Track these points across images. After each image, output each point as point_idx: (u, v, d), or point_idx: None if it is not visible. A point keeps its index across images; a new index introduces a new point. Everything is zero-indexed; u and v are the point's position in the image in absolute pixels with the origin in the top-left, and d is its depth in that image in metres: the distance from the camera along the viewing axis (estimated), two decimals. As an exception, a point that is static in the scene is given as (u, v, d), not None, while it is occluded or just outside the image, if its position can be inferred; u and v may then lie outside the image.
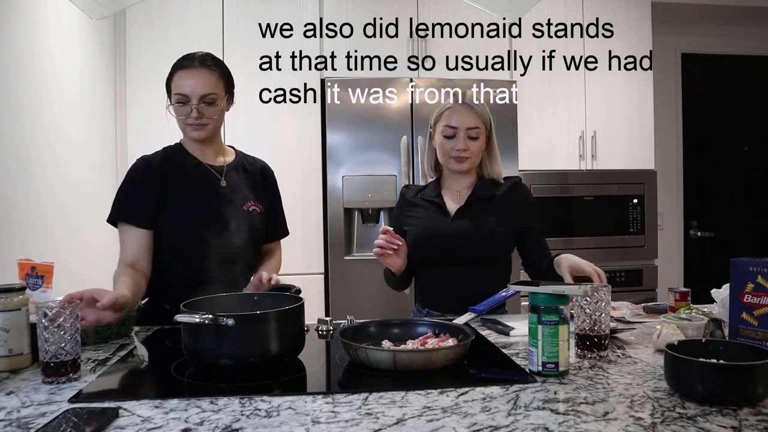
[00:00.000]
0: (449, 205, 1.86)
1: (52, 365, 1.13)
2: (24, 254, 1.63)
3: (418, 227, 1.85)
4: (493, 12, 2.04)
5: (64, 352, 1.13)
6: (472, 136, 1.79)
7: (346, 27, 3.30)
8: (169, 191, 1.68)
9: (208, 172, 1.75)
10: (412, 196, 1.92)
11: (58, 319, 1.12)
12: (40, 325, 1.13)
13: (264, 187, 1.85)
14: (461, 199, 1.85)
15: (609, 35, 3.57)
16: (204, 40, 3.14)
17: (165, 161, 1.72)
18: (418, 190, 1.93)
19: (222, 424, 0.93)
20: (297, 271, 3.02)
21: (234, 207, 1.72)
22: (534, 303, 1.17)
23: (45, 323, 1.12)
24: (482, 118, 1.81)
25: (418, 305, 1.90)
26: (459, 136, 1.79)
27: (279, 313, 1.22)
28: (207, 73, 1.66)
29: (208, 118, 1.68)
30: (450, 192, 1.88)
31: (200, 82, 1.64)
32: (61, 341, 1.13)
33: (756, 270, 1.27)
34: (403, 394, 1.06)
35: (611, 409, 0.98)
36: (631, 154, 3.60)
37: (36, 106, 2.30)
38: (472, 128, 1.79)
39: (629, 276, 3.54)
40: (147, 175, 1.69)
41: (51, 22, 2.45)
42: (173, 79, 1.68)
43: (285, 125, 3.24)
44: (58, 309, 1.13)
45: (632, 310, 1.75)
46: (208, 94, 1.65)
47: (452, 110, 1.81)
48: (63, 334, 1.13)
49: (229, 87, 1.74)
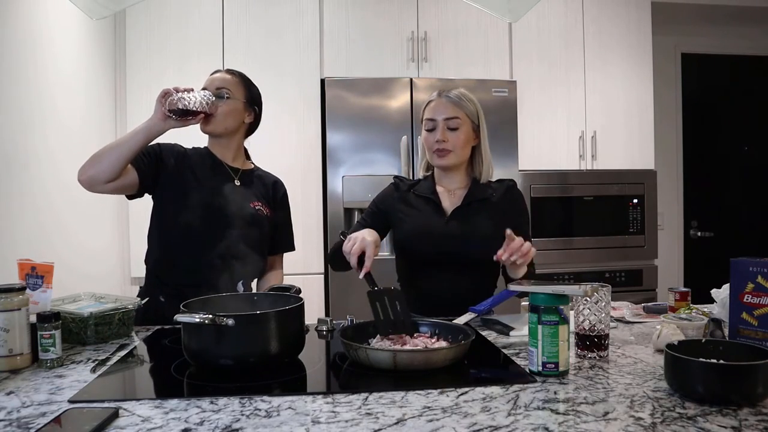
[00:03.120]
0: (445, 204, 1.83)
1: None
2: (24, 254, 1.63)
3: (413, 224, 1.82)
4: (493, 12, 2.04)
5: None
6: (451, 127, 1.77)
7: (346, 27, 3.30)
8: (183, 172, 1.77)
9: (225, 168, 1.84)
10: (405, 190, 1.88)
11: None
12: None
13: (274, 198, 1.92)
14: (457, 200, 1.83)
15: (609, 35, 3.57)
16: (204, 41, 3.15)
17: (188, 151, 1.85)
18: (411, 185, 1.90)
19: (222, 424, 0.93)
20: (297, 271, 3.02)
21: (243, 202, 1.80)
22: (534, 303, 1.17)
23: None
24: (464, 110, 1.79)
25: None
26: (438, 127, 1.78)
27: (279, 313, 1.22)
28: (226, 74, 1.85)
29: (215, 107, 1.78)
30: (444, 191, 1.86)
31: (217, 77, 1.83)
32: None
33: (756, 270, 1.27)
34: (403, 394, 1.06)
35: (611, 409, 0.98)
36: (631, 154, 3.60)
37: (36, 107, 2.30)
38: (451, 118, 1.77)
39: (629, 276, 3.54)
40: (166, 149, 1.81)
41: (51, 23, 2.45)
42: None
43: (285, 125, 3.23)
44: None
45: (632, 310, 1.75)
46: (220, 87, 1.80)
47: (432, 103, 1.82)
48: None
49: (250, 97, 1.87)
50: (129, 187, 1.72)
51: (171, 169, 1.77)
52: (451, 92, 1.81)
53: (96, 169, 1.63)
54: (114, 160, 1.63)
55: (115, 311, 1.50)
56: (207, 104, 1.68)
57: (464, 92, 1.82)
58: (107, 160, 1.63)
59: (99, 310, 1.46)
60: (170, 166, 1.77)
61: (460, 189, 1.85)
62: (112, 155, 1.63)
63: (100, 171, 1.63)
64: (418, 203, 1.85)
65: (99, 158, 1.63)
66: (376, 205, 1.91)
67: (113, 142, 1.68)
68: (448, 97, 1.79)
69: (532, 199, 3.43)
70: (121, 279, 3.14)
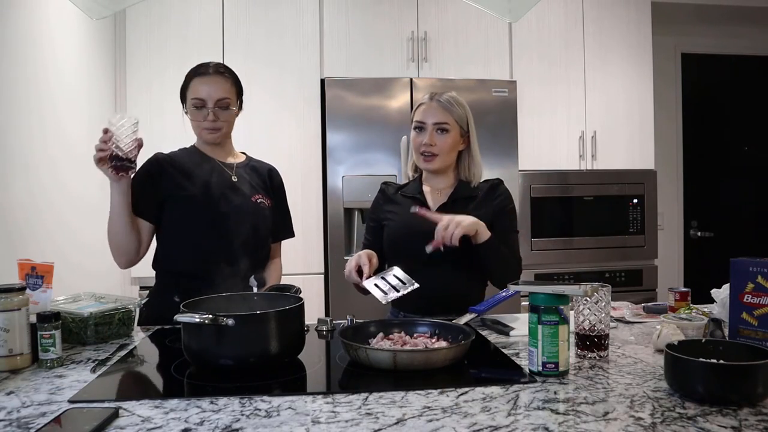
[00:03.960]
0: (430, 202, 1.85)
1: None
2: (24, 254, 1.63)
3: (398, 222, 1.84)
4: (493, 12, 2.04)
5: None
6: (440, 130, 1.80)
7: (346, 27, 3.30)
8: (181, 186, 1.77)
9: (220, 168, 1.84)
10: (392, 193, 1.92)
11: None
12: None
13: (272, 187, 1.93)
14: (443, 197, 1.85)
15: (609, 35, 3.57)
16: (204, 41, 3.15)
17: (177, 158, 1.82)
18: (399, 188, 1.93)
19: (222, 424, 0.93)
20: (297, 271, 3.02)
21: (244, 198, 1.82)
22: (534, 303, 1.17)
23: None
24: (454, 115, 1.80)
25: (393, 309, 1.84)
26: (426, 130, 1.80)
27: (279, 313, 1.22)
28: (221, 80, 1.78)
29: (223, 121, 1.80)
30: (431, 190, 1.88)
31: (216, 88, 1.76)
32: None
33: (756, 270, 1.27)
34: (403, 394, 1.06)
35: (611, 409, 0.98)
36: (631, 154, 3.60)
37: (36, 107, 2.30)
38: (440, 123, 1.79)
39: (629, 276, 3.54)
40: (151, 174, 1.78)
41: (51, 22, 2.45)
42: (190, 86, 1.79)
43: (285, 125, 3.23)
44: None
45: (632, 310, 1.75)
46: (222, 99, 1.77)
47: (422, 106, 1.83)
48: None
49: (239, 94, 1.86)
50: (152, 230, 1.79)
51: (165, 185, 1.77)
52: (442, 96, 1.82)
53: (122, 254, 1.74)
54: (122, 237, 1.71)
55: (115, 311, 1.50)
56: (133, 132, 1.59)
57: (455, 97, 1.84)
58: (118, 241, 1.72)
59: (99, 310, 1.46)
60: (164, 184, 1.77)
61: (447, 188, 1.87)
62: (118, 235, 1.71)
63: (125, 252, 1.73)
64: (404, 202, 1.87)
65: (114, 245, 1.73)
66: (371, 218, 1.95)
67: (108, 224, 1.72)
68: (439, 102, 1.81)
69: (532, 199, 3.43)
70: (121, 279, 3.14)
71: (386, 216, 1.88)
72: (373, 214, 1.94)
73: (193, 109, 1.77)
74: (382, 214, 1.90)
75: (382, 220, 1.89)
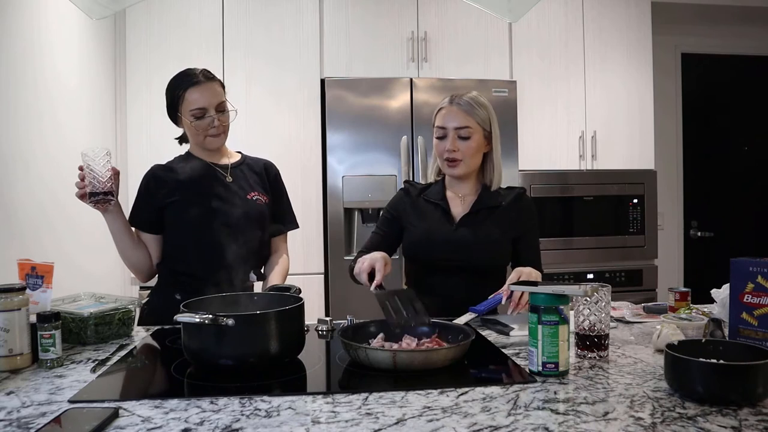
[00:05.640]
0: (454, 210, 1.82)
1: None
2: (24, 254, 1.63)
3: (421, 230, 1.81)
4: (493, 12, 2.04)
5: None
6: (462, 136, 1.75)
7: (346, 27, 3.30)
8: (177, 192, 1.79)
9: (215, 170, 1.84)
10: (415, 195, 1.88)
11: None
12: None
13: (268, 180, 1.93)
14: (466, 206, 1.82)
15: (609, 35, 3.57)
16: (204, 40, 3.15)
17: (173, 167, 1.84)
18: (421, 190, 1.89)
19: (222, 424, 0.93)
20: (297, 271, 3.01)
21: (240, 197, 1.82)
22: (534, 303, 1.17)
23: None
24: (476, 118, 1.76)
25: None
26: (448, 136, 1.76)
27: (279, 313, 1.22)
28: (214, 84, 1.78)
29: (225, 124, 1.81)
30: (454, 197, 1.85)
31: (212, 93, 1.76)
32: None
33: (756, 270, 1.27)
34: (403, 394, 1.06)
35: (611, 409, 0.98)
36: (631, 154, 3.60)
37: (36, 107, 2.30)
38: (461, 128, 1.74)
39: (629, 276, 3.54)
40: (149, 188, 1.81)
41: (51, 22, 2.45)
42: (184, 98, 1.76)
43: (285, 125, 3.23)
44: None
45: (632, 310, 1.75)
46: (220, 102, 1.78)
47: (443, 111, 1.79)
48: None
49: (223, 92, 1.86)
50: (159, 240, 1.82)
51: (163, 194, 1.79)
52: (462, 99, 1.77)
53: (137, 270, 1.82)
54: (130, 254, 1.77)
55: (115, 311, 1.50)
56: (107, 162, 1.59)
57: (476, 98, 1.79)
58: (128, 258, 1.78)
59: (99, 310, 1.46)
60: (161, 193, 1.79)
61: (470, 195, 1.84)
62: (125, 252, 1.76)
63: (140, 269, 1.81)
64: (427, 209, 1.84)
65: (127, 263, 1.80)
66: (389, 211, 1.91)
67: (115, 245, 1.76)
68: (459, 105, 1.76)
69: (532, 199, 3.42)
70: (122, 279, 3.14)
71: (409, 221, 1.85)
72: (394, 210, 1.89)
73: (194, 120, 1.75)
74: (405, 215, 1.86)
75: (404, 222, 1.86)
